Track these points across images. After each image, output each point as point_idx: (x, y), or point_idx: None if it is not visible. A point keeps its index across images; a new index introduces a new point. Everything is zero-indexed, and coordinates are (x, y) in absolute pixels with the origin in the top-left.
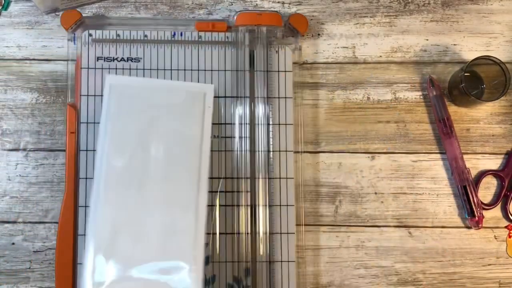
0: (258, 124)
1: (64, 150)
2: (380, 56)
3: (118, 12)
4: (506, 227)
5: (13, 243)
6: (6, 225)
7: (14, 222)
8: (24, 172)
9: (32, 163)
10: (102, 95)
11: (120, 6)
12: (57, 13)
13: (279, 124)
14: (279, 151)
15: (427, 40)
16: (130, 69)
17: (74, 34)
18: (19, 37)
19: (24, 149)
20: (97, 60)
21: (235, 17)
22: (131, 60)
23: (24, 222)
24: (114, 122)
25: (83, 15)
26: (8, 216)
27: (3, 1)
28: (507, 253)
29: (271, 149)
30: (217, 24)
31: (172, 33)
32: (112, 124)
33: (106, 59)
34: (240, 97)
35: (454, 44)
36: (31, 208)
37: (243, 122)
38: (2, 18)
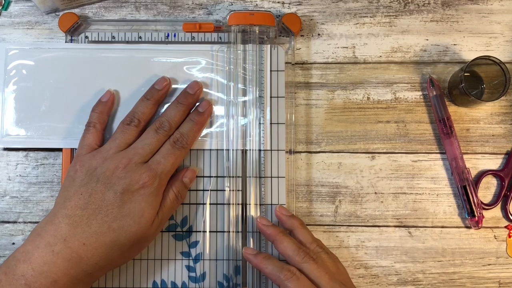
0: (250, 123)
1: None
2: (380, 56)
3: (118, 12)
4: (506, 227)
5: (13, 243)
6: (6, 225)
7: (14, 222)
8: (24, 172)
9: (32, 163)
10: None
11: (120, 6)
12: (57, 13)
13: (271, 123)
14: (271, 150)
15: (427, 40)
16: None
17: (72, 36)
18: (19, 37)
19: (24, 149)
20: None
21: (227, 17)
22: None
23: (25, 222)
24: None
25: (80, 16)
26: (9, 216)
27: (3, 1)
28: (507, 253)
29: (262, 148)
30: (204, 24)
31: (166, 35)
32: None
33: None
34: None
35: (454, 44)
36: (31, 208)
37: (235, 122)
38: (2, 18)
